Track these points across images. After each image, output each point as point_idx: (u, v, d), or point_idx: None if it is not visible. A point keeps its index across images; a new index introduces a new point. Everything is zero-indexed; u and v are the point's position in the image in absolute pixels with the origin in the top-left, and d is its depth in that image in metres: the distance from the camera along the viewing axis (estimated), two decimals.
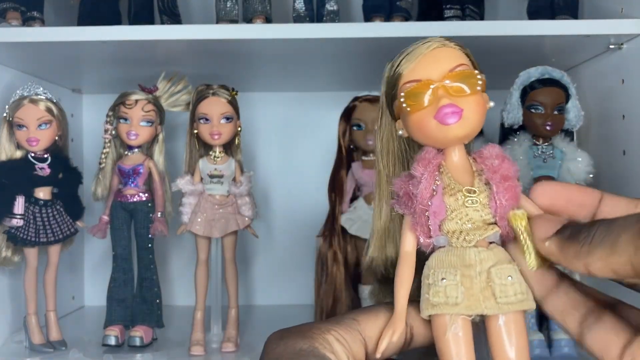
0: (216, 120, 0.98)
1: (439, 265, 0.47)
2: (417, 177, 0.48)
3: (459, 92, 0.48)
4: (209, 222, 0.99)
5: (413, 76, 0.50)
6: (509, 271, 0.47)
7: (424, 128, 0.49)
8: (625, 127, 0.92)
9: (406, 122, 0.50)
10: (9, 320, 1.04)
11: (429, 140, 0.50)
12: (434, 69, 0.50)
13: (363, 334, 0.45)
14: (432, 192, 0.48)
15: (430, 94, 0.48)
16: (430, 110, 0.48)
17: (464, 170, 0.49)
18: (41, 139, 0.95)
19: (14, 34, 0.91)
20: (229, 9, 1.00)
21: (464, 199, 0.48)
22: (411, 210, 0.49)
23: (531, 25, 0.91)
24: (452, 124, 0.48)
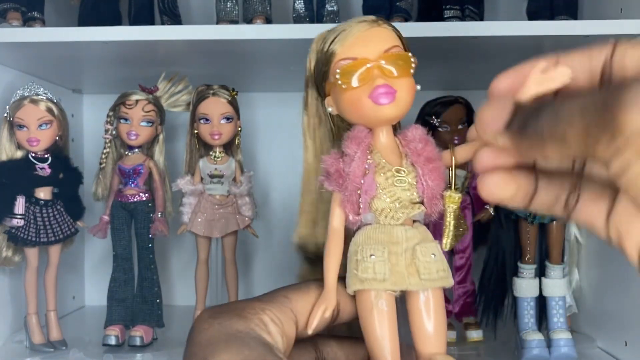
0: (216, 121, 0.98)
1: (366, 242, 0.49)
2: (349, 155, 0.50)
3: (393, 73, 0.50)
4: (209, 222, 0.99)
5: (348, 54, 0.51)
6: (432, 249, 0.49)
7: (357, 106, 0.50)
8: None
9: (338, 99, 0.51)
10: (10, 320, 1.05)
11: (361, 119, 0.51)
12: (370, 48, 0.51)
13: (294, 311, 0.46)
14: (364, 171, 0.49)
15: (365, 72, 0.49)
16: (365, 89, 0.49)
17: (392, 150, 0.51)
18: (42, 139, 0.95)
19: (14, 34, 0.91)
20: (229, 9, 1.01)
21: (393, 178, 0.49)
22: (342, 187, 0.50)
23: (530, 26, 0.91)
24: (386, 104, 0.49)
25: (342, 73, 0.50)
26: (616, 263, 0.95)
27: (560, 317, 0.94)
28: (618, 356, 0.94)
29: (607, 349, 0.97)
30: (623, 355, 0.92)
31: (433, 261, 0.48)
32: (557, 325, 0.94)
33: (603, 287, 1.00)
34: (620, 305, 0.94)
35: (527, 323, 0.94)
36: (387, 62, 0.50)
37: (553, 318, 0.94)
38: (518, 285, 0.95)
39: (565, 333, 0.93)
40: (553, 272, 0.95)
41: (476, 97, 1.14)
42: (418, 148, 0.50)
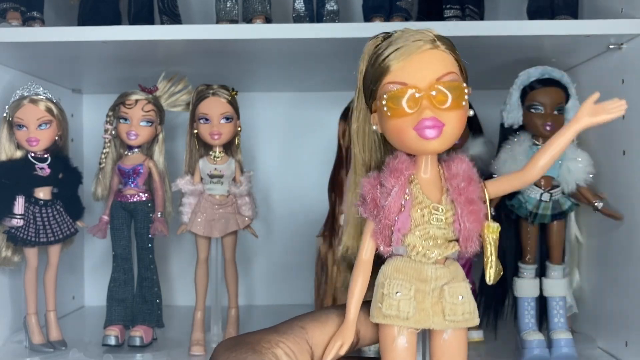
0: (216, 120, 0.98)
1: (394, 276, 0.48)
2: (387, 188, 0.48)
3: (443, 103, 0.48)
4: (209, 222, 0.99)
5: (399, 78, 0.48)
6: (461, 290, 0.48)
7: (401, 136, 0.48)
8: (625, 127, 0.92)
9: (383, 123, 0.49)
10: (9, 320, 1.04)
11: (404, 148, 0.49)
12: (423, 75, 0.48)
13: (310, 342, 0.46)
14: (400, 207, 0.48)
15: (413, 101, 0.47)
16: (411, 120, 0.47)
17: (433, 183, 0.49)
18: (41, 139, 0.95)
19: (14, 34, 0.91)
20: (228, 9, 1.00)
21: (430, 215, 0.48)
22: (376, 219, 0.49)
23: (531, 25, 0.91)
24: (432, 139, 0.47)
25: (389, 98, 0.47)
26: (617, 263, 0.95)
27: (561, 318, 0.94)
28: (618, 356, 0.94)
29: (607, 349, 0.97)
30: (623, 355, 0.92)
31: (460, 303, 0.48)
32: (558, 325, 0.94)
33: (603, 287, 1.00)
34: (620, 306, 0.94)
35: (528, 323, 0.94)
36: (438, 93, 0.47)
37: (553, 318, 0.94)
38: (518, 286, 0.94)
39: (565, 333, 0.93)
40: (554, 272, 0.95)
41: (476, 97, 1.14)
42: (461, 186, 0.48)
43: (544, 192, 0.92)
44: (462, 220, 0.48)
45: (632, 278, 0.90)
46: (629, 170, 0.92)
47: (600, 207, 0.93)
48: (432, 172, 0.50)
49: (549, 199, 0.92)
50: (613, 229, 0.95)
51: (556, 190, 0.93)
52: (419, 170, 0.49)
